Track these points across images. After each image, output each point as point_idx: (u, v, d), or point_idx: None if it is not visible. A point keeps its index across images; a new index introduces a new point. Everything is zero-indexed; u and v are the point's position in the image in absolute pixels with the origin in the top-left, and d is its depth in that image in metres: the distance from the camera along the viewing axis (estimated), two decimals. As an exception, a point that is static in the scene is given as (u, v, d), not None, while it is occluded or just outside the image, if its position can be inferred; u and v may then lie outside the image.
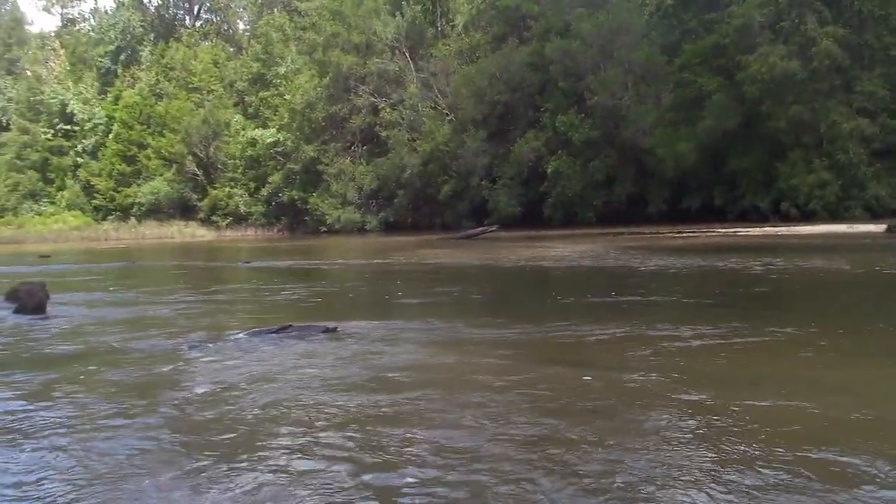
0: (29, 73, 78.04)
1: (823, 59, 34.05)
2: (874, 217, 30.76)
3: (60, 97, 69.40)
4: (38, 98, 71.49)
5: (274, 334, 6.66)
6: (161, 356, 6.07)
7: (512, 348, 6.10)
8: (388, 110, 48.15)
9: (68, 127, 69.55)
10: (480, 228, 33.18)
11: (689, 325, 6.84)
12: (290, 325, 6.78)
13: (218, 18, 78.71)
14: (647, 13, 42.52)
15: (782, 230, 25.84)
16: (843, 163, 33.38)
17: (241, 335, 6.75)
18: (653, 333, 6.68)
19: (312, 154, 50.40)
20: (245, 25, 76.83)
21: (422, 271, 15.89)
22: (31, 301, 8.56)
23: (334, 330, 6.72)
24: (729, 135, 36.63)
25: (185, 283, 15.50)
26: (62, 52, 78.14)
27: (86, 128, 68.22)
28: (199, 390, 4.89)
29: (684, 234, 25.37)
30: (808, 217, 32.70)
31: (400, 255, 21.23)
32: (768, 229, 26.48)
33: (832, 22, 35.06)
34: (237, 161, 56.98)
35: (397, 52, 50.12)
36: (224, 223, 56.72)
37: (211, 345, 6.53)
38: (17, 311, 8.67)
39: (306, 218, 51.52)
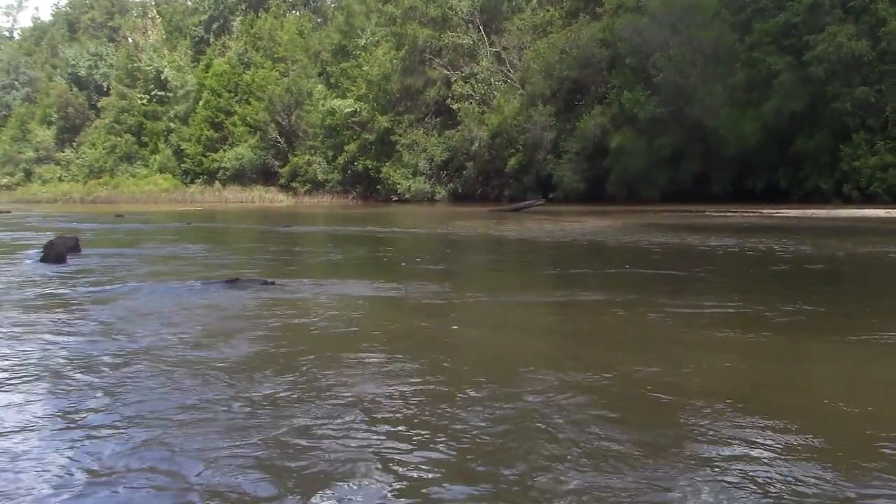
0: (129, 40, 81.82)
1: (892, 40, 33.48)
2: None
3: (156, 65, 72.74)
4: (135, 65, 75.15)
5: (220, 283, 7.87)
6: (102, 299, 7.22)
7: (404, 305, 7.14)
8: (460, 83, 49.09)
9: (162, 93, 72.94)
10: (528, 202, 34.00)
11: (572, 290, 7.78)
12: (238, 279, 7.97)
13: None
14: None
15: (819, 212, 25.89)
16: (907, 146, 32.89)
17: (195, 283, 7.98)
18: (548, 299, 7.67)
19: (387, 125, 51.83)
20: (332, -3, 78.57)
21: (441, 240, 16.98)
22: (52, 252, 10.02)
23: (272, 283, 7.89)
24: (795, 116, 36.37)
25: (216, 242, 16.97)
26: (159, 20, 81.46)
27: (178, 94, 71.34)
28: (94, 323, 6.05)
29: (725, 214, 25.70)
30: (870, 200, 32.45)
31: (441, 225, 22.32)
32: (803, 211, 26.53)
33: (905, 2, 34.34)
34: (317, 130, 58.79)
35: (472, 25, 50.88)
36: (303, 189, 58.81)
37: (160, 288, 7.81)
38: (41, 261, 10.16)
39: (379, 186, 53.08)
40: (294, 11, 74.66)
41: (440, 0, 51.09)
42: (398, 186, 50.56)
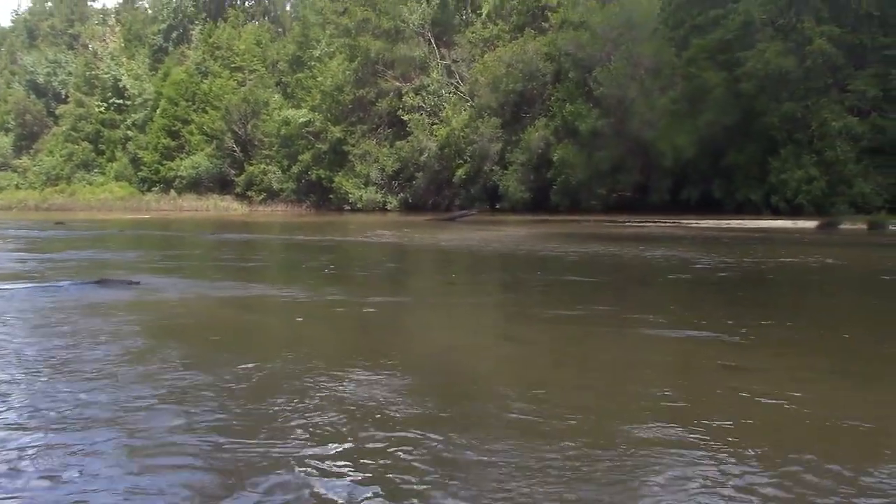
0: (89, 48, 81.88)
1: (818, 58, 34.88)
2: (858, 212, 31.78)
3: (114, 73, 72.96)
4: (93, 73, 75.28)
5: (88, 284, 8.67)
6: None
7: (252, 303, 7.96)
8: (410, 95, 50.00)
9: (120, 101, 73.16)
10: (462, 212, 35.04)
11: (408, 292, 8.66)
12: (105, 279, 8.77)
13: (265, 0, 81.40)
14: (658, 7, 43.41)
15: (731, 223, 27.09)
16: (831, 159, 34.28)
17: (65, 283, 8.78)
18: (384, 299, 8.54)
19: (339, 135, 52.62)
20: (290, 7, 79.33)
21: (350, 248, 17.84)
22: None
23: (137, 283, 8.70)
24: (728, 129, 37.67)
25: (131, 248, 17.75)
26: (118, 29, 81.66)
27: (136, 102, 71.66)
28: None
29: (633, 224, 26.83)
30: (797, 211, 33.74)
31: (367, 234, 23.17)
32: (713, 222, 27.72)
33: (829, 21, 35.76)
34: (273, 139, 59.41)
35: (423, 38, 51.85)
36: (258, 198, 59.36)
37: (26, 288, 8.59)
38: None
39: (331, 196, 53.80)
40: (253, 21, 75.22)
41: (393, 13, 51.96)
42: (350, 196, 51.34)
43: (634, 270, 11.93)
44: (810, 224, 25.68)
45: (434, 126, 48.05)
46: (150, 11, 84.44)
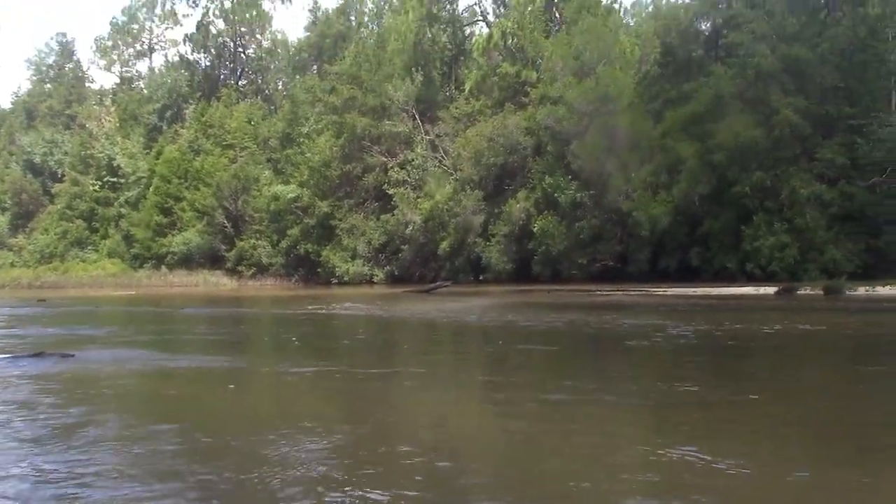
0: (84, 127, 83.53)
1: (785, 129, 35.90)
2: (829, 278, 32.36)
3: (108, 152, 74.34)
4: (89, 152, 76.67)
5: (26, 357, 9.18)
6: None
7: (179, 375, 8.44)
8: (396, 169, 51.07)
9: (115, 179, 74.31)
10: (437, 283, 35.61)
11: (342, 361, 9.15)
12: (43, 352, 9.28)
13: (258, 79, 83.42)
14: (633, 82, 44.70)
15: (696, 290, 27.63)
16: (802, 227, 35.09)
17: (3, 356, 9.30)
18: (309, 369, 9.05)
19: (327, 209, 53.54)
20: (282, 86, 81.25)
21: (309, 320, 18.34)
22: None
23: (72, 356, 9.21)
24: (703, 199, 38.66)
25: (98, 323, 18.25)
26: (113, 109, 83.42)
27: (130, 180, 72.84)
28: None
29: (602, 293, 27.37)
30: (771, 277, 34.26)
31: (336, 306, 23.68)
32: (680, 290, 28.26)
33: (796, 93, 36.88)
34: (263, 214, 60.33)
35: (407, 114, 53.15)
36: (248, 273, 59.96)
37: None
38: None
39: (319, 270, 54.40)
40: (246, 100, 76.93)
41: (379, 90, 53.36)
42: (337, 269, 51.93)
43: (585, 338, 12.40)
44: (771, 290, 26.22)
45: (419, 199, 48.97)
46: (145, 91, 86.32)
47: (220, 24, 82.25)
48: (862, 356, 10.73)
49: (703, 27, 44.09)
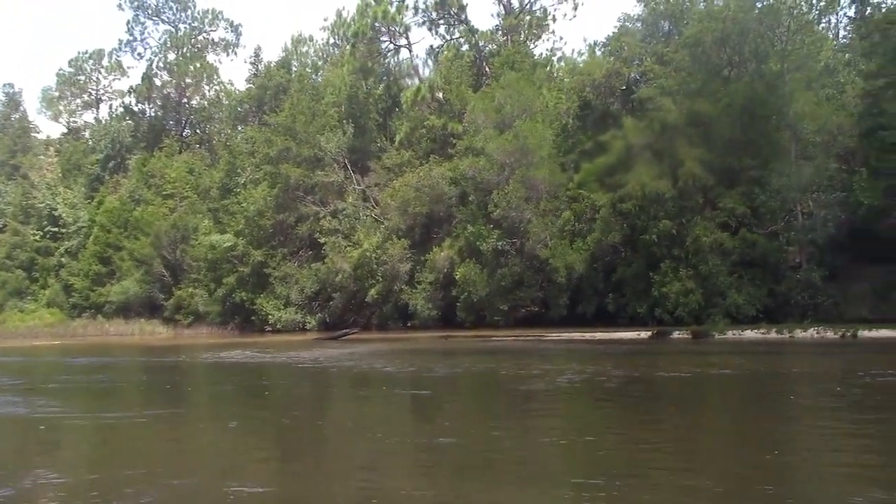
0: (27, 178, 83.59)
1: (689, 179, 37.57)
2: (733, 322, 33.93)
3: (49, 202, 74.51)
4: (30, 202, 76.78)
5: None
6: None
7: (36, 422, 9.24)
8: (328, 219, 52.08)
9: (55, 229, 74.39)
10: (344, 331, 36.53)
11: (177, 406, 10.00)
12: None
13: (202, 129, 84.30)
14: (551, 134, 46.29)
15: (584, 335, 28.82)
16: (705, 273, 36.56)
17: None
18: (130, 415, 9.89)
19: (261, 258, 54.26)
20: (225, 137, 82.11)
21: (185, 367, 19.12)
22: None
23: None
24: (615, 247, 40.16)
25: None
26: (56, 159, 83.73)
27: (70, 230, 73.04)
28: None
29: (496, 338, 28.46)
30: (678, 322, 35.62)
31: (220, 352, 24.42)
32: (576, 334, 29.45)
33: (700, 145, 38.61)
34: (200, 263, 60.82)
35: (338, 164, 54.32)
36: (185, 321, 60.26)
37: None
38: None
39: (254, 318, 54.90)
40: (189, 150, 77.61)
41: (312, 142, 54.50)
42: (270, 317, 52.52)
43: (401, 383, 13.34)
44: (646, 334, 27.44)
45: (348, 248, 49.94)
46: (90, 142, 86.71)
47: (165, 75, 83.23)
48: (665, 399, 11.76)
49: (617, 83, 45.85)
